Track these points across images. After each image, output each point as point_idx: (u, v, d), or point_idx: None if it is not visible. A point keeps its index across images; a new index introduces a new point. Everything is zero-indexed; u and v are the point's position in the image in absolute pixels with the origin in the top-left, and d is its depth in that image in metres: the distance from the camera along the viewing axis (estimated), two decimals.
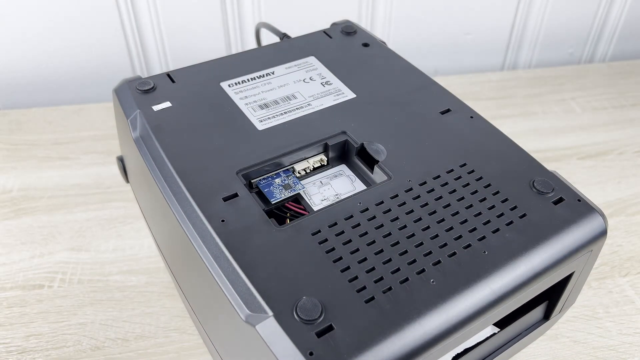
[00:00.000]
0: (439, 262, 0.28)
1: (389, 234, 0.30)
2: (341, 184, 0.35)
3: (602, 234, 0.32)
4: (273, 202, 0.33)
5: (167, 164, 0.33)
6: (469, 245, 0.29)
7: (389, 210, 0.31)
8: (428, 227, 0.30)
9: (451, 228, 0.30)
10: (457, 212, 0.31)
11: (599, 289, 0.48)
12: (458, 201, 0.32)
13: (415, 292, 0.27)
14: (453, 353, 0.32)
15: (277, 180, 0.34)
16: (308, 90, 0.40)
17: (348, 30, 0.47)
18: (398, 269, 0.28)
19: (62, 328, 0.44)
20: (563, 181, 0.33)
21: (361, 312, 0.26)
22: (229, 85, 0.40)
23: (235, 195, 0.32)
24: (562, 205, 0.32)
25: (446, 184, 0.33)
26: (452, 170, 0.34)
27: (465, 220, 0.31)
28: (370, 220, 0.30)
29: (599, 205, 0.33)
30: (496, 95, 0.72)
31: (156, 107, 0.38)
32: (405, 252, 0.29)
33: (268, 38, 0.64)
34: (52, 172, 0.59)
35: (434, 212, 0.31)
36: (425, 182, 0.33)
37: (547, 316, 0.36)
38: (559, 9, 0.77)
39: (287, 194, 0.33)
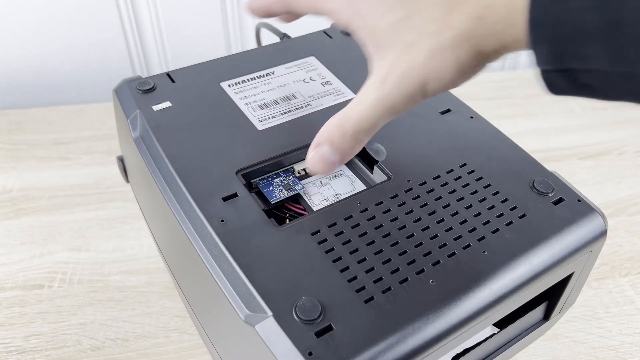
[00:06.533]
0: (438, 262, 0.28)
1: (389, 234, 0.30)
2: (341, 184, 0.35)
3: (602, 234, 0.32)
4: (273, 202, 0.33)
5: (167, 164, 0.33)
6: (468, 246, 0.29)
7: (389, 210, 0.31)
8: (427, 227, 0.30)
9: (451, 228, 0.30)
10: (457, 212, 0.31)
11: (599, 289, 0.48)
12: (458, 201, 0.32)
13: (414, 292, 0.27)
14: (453, 353, 0.32)
15: (277, 180, 0.34)
16: (308, 90, 0.40)
17: None
18: (397, 269, 0.28)
19: (62, 328, 0.44)
20: (563, 181, 0.33)
21: (360, 312, 0.26)
22: (229, 85, 0.40)
23: (235, 195, 0.32)
24: (562, 205, 0.32)
25: (446, 184, 0.33)
26: (452, 171, 0.34)
27: (465, 221, 0.31)
28: (370, 220, 0.30)
29: (599, 205, 0.33)
30: (496, 95, 0.72)
31: (156, 107, 0.38)
32: (405, 252, 0.29)
33: (268, 38, 0.64)
34: (52, 172, 0.59)
35: (434, 212, 0.31)
36: (424, 182, 0.33)
37: (547, 316, 0.36)
38: None
39: (287, 193, 0.33)
